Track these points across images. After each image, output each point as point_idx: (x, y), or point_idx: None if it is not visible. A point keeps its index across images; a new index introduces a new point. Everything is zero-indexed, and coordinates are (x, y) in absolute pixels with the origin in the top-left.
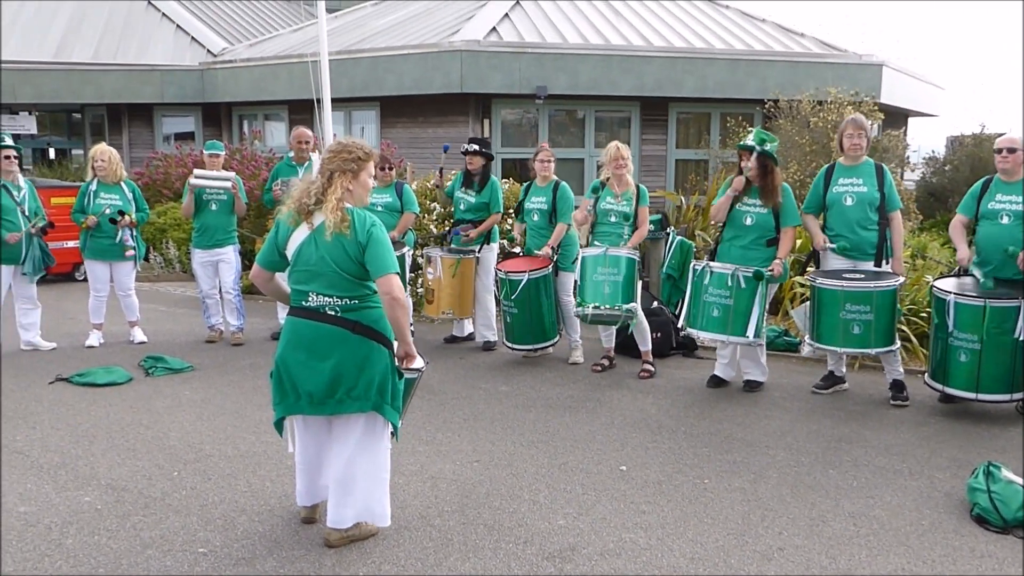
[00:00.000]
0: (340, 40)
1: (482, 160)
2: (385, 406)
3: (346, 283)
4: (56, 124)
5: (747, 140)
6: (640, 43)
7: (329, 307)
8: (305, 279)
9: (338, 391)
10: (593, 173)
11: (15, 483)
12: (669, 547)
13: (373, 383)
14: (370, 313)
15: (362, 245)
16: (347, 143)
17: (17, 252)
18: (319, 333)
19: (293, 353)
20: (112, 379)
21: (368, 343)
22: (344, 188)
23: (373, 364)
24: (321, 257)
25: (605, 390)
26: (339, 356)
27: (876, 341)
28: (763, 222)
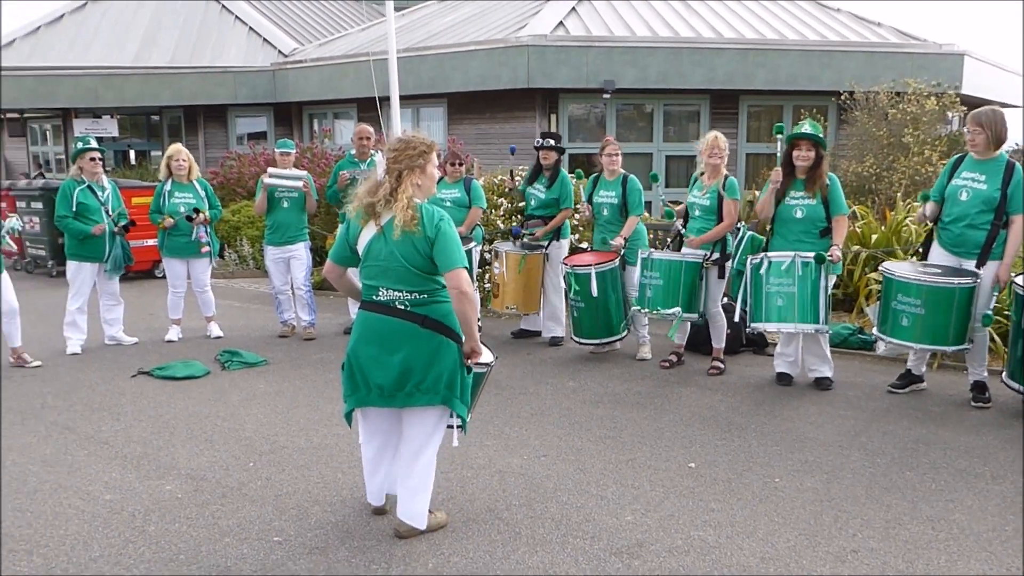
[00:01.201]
0: (407, 38)
1: (555, 155)
2: (454, 400)
3: (415, 278)
4: (136, 127)
5: (803, 128)
6: (710, 35)
7: (399, 301)
8: (375, 274)
9: (407, 384)
10: (662, 168)
11: (101, 472)
12: (739, 546)
13: (442, 377)
14: (439, 307)
15: (430, 240)
16: (408, 139)
17: (101, 250)
18: (389, 327)
19: (364, 347)
20: (190, 372)
21: (437, 337)
22: (414, 186)
23: (442, 358)
24: (390, 252)
25: (673, 386)
26: (408, 350)
27: (923, 337)
28: (813, 213)
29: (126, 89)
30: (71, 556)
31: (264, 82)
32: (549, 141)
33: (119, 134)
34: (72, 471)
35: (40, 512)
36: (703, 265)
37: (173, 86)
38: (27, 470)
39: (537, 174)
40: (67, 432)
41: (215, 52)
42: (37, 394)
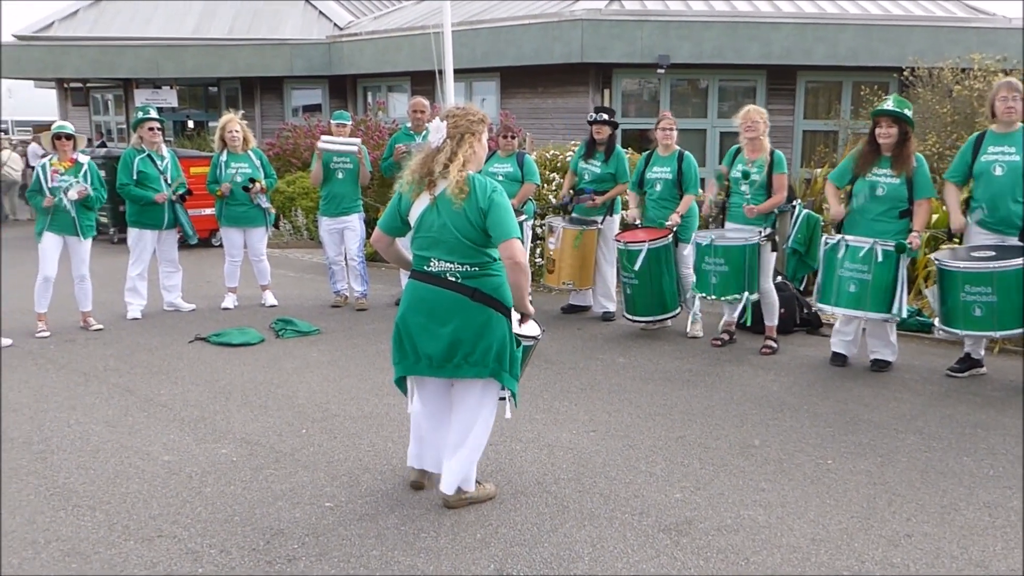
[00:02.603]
0: (461, 11)
1: (609, 129)
2: (503, 373)
3: (467, 249)
4: (194, 98)
5: (885, 105)
6: (768, 9)
7: (450, 273)
8: (427, 245)
9: (456, 356)
10: (716, 144)
11: (160, 433)
12: (789, 526)
13: (491, 350)
14: (490, 280)
15: (483, 211)
16: (466, 106)
17: (160, 218)
18: (439, 298)
19: (414, 316)
20: (246, 340)
21: (487, 310)
22: (472, 149)
23: (492, 331)
24: (443, 224)
25: (725, 365)
26: (458, 322)
27: (1001, 324)
28: (895, 193)
29: (185, 60)
30: (131, 513)
31: (320, 55)
32: (603, 115)
33: (178, 105)
34: (133, 432)
35: (102, 470)
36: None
37: (231, 58)
38: (90, 429)
39: (591, 149)
40: (128, 394)
41: (272, 24)
42: (100, 356)
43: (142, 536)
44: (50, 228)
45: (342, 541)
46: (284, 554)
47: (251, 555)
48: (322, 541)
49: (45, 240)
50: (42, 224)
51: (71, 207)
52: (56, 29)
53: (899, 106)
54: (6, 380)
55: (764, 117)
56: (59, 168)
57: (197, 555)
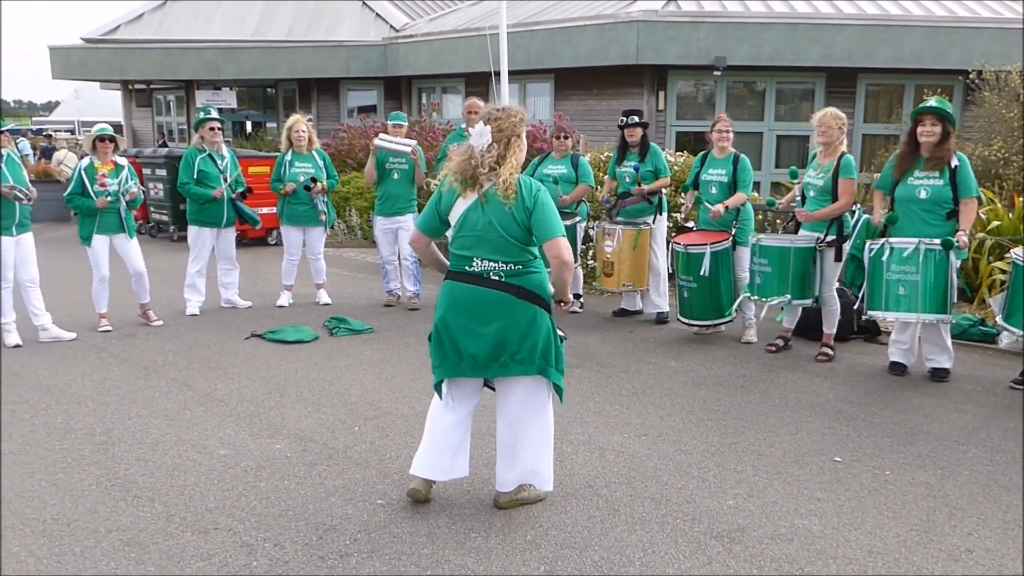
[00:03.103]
0: (516, 12)
1: (641, 131)
2: (549, 369)
3: (512, 248)
4: (253, 99)
5: (929, 103)
6: (829, 10)
7: (493, 272)
8: (470, 244)
9: (503, 355)
10: (772, 148)
11: (216, 428)
12: (845, 537)
13: (537, 347)
14: (532, 278)
15: (529, 210)
16: (507, 107)
17: (219, 216)
18: (483, 298)
19: (455, 316)
20: (300, 337)
21: (532, 308)
22: (517, 151)
23: (537, 328)
24: (488, 222)
25: (779, 371)
26: (503, 321)
27: None
28: (939, 194)
29: (245, 62)
30: (189, 506)
31: (376, 56)
32: (634, 118)
33: (237, 106)
34: (190, 426)
35: (161, 463)
36: (816, 248)
37: (289, 59)
38: (150, 423)
39: (624, 152)
40: (186, 388)
41: (329, 26)
42: (159, 351)
43: (199, 528)
44: (99, 230)
45: (393, 539)
46: (336, 550)
47: (304, 550)
48: (374, 538)
49: (95, 243)
50: (90, 227)
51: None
52: (122, 32)
53: (942, 104)
54: (71, 373)
55: (841, 123)
56: (104, 172)
57: (252, 548)
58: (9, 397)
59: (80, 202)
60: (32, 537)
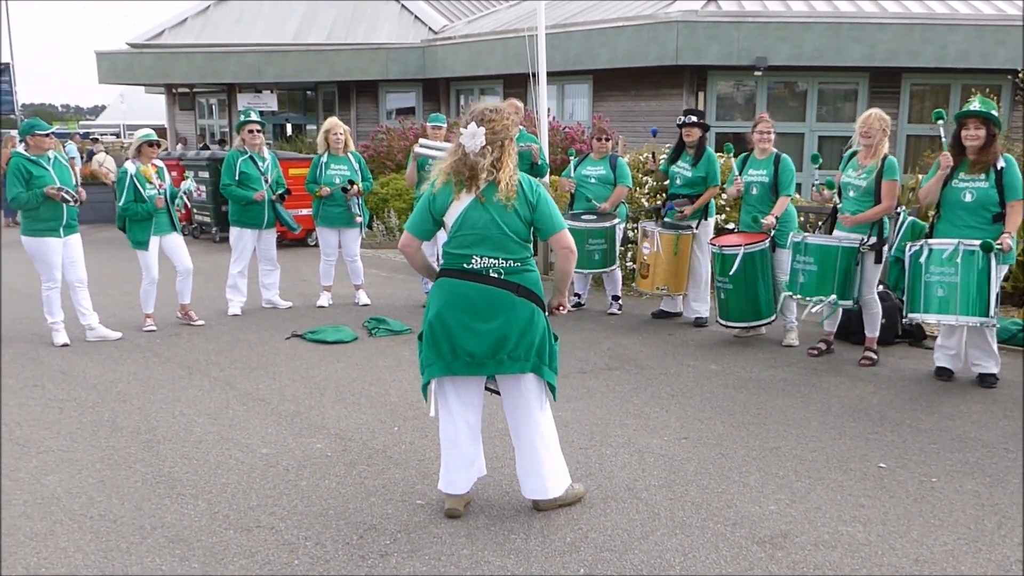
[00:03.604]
0: (555, 13)
1: (699, 131)
2: (543, 367)
3: (512, 245)
4: (293, 102)
5: (972, 106)
6: (873, 9)
7: (493, 269)
8: (470, 243)
9: (499, 352)
10: (814, 149)
11: (258, 427)
12: (891, 545)
13: (533, 345)
14: (530, 276)
15: (532, 205)
16: (499, 108)
17: (260, 217)
18: (483, 295)
19: (453, 314)
20: (340, 337)
21: (530, 306)
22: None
23: (535, 326)
24: (490, 220)
25: (822, 375)
26: (504, 318)
27: None
28: (985, 197)
29: (286, 65)
30: (232, 503)
31: (414, 58)
32: (691, 118)
33: (278, 108)
34: (233, 424)
35: (205, 461)
36: (859, 250)
37: (329, 62)
38: (193, 421)
39: (680, 152)
40: (228, 388)
41: (369, 29)
42: (202, 350)
43: (241, 526)
44: (154, 232)
45: (433, 539)
46: (377, 549)
47: (345, 549)
48: (413, 538)
49: (151, 246)
50: (146, 232)
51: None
52: (166, 37)
53: (985, 107)
54: (117, 372)
55: (885, 124)
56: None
57: (293, 547)
58: (57, 395)
59: (136, 208)
60: (80, 533)
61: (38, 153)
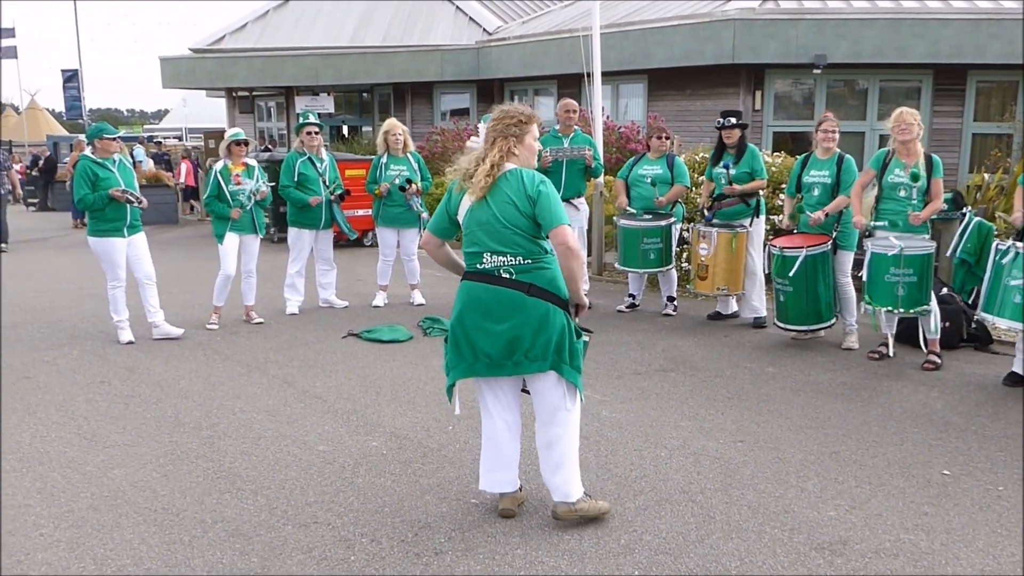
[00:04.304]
0: (609, 13)
1: (739, 132)
2: (563, 365)
3: (517, 239)
4: (349, 104)
5: None
6: (936, 4)
7: (504, 268)
8: (478, 240)
9: (516, 353)
10: (875, 148)
11: (315, 424)
12: (955, 555)
13: (551, 343)
14: (544, 274)
15: (532, 199)
16: (507, 109)
17: (318, 218)
18: (494, 296)
19: (470, 316)
20: (395, 337)
21: (543, 305)
22: (503, 151)
23: (550, 324)
24: (492, 215)
25: (883, 379)
26: (516, 319)
27: None
28: None
29: (343, 67)
30: (290, 499)
31: (469, 59)
32: (731, 120)
33: (334, 111)
34: (291, 422)
35: (263, 457)
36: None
37: (385, 64)
38: (253, 418)
39: (721, 153)
40: (286, 386)
41: (424, 31)
42: (261, 349)
43: (299, 521)
44: (232, 229)
45: (487, 538)
46: (431, 547)
47: (400, 546)
48: (468, 537)
49: (227, 241)
50: (224, 227)
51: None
52: (227, 42)
53: None
54: (180, 369)
55: (918, 119)
56: (238, 172)
57: (349, 543)
58: (123, 391)
59: (217, 206)
60: (144, 526)
61: (104, 156)
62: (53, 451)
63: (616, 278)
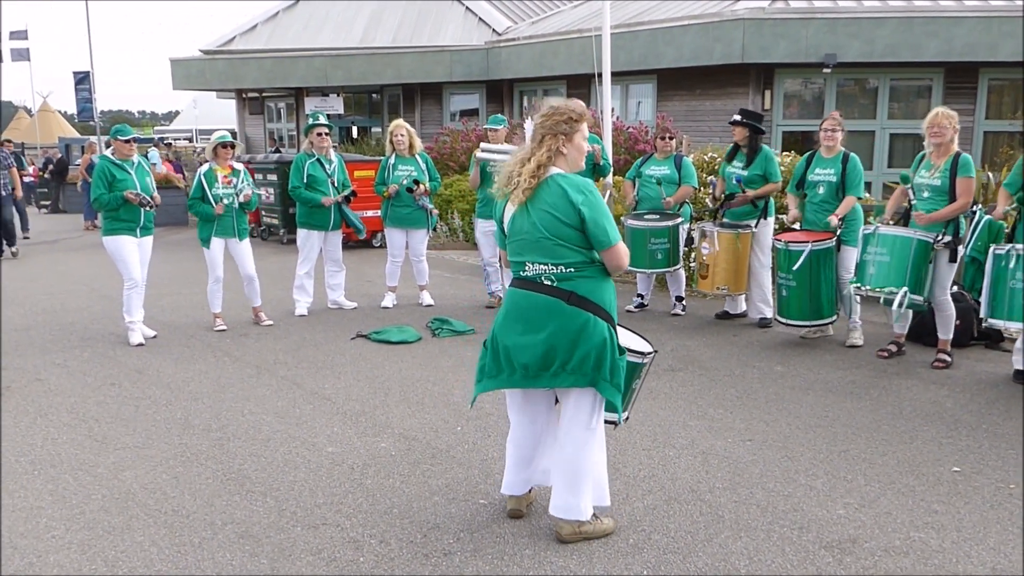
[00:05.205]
0: (619, 13)
1: (746, 131)
2: (602, 382)
3: (558, 249)
4: (359, 105)
5: None
6: (948, 3)
7: (544, 276)
8: (520, 248)
9: (553, 364)
10: (885, 147)
11: (324, 426)
12: (966, 553)
13: (590, 357)
14: (586, 283)
15: (578, 211)
16: (559, 105)
17: (327, 219)
18: (534, 303)
19: (510, 324)
20: (404, 338)
21: (583, 314)
22: (552, 151)
23: (589, 337)
24: (532, 223)
25: (892, 377)
26: (553, 327)
27: None
28: None
29: (352, 68)
30: (299, 501)
31: (478, 60)
32: (735, 117)
33: (344, 112)
34: (300, 423)
35: (273, 459)
36: (933, 247)
37: (394, 65)
38: (262, 420)
39: (736, 152)
40: (295, 387)
41: (433, 31)
42: (270, 350)
43: (308, 523)
44: (216, 233)
45: (496, 538)
46: (440, 548)
47: (409, 547)
48: (476, 537)
49: (213, 245)
50: (208, 231)
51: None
52: (237, 43)
53: None
54: (189, 371)
55: (954, 121)
56: (226, 174)
57: (358, 544)
58: (133, 393)
59: (200, 207)
60: (155, 528)
61: (123, 158)
62: (64, 453)
63: (624, 278)
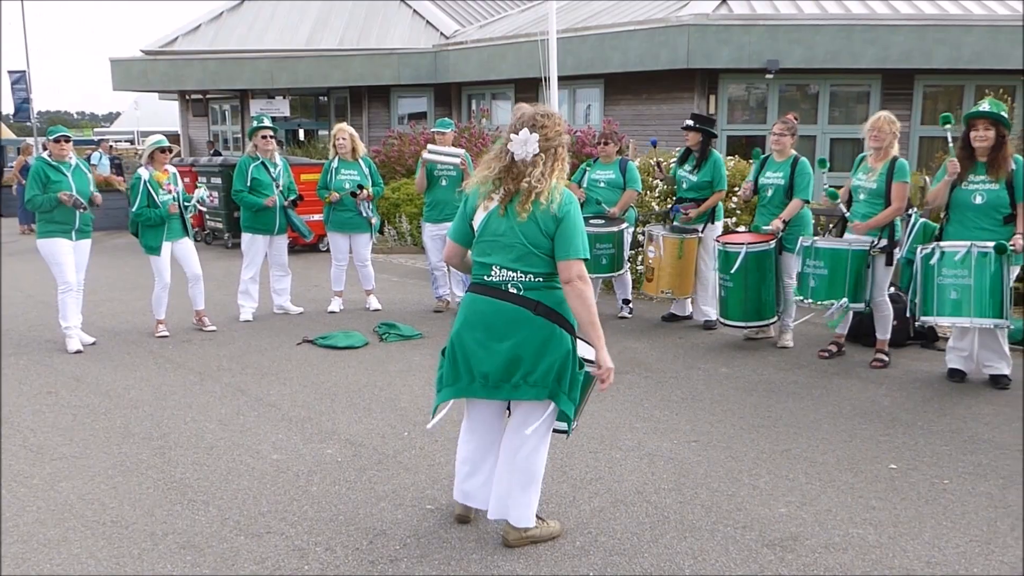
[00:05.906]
0: (566, 18)
1: (699, 136)
2: (561, 395)
3: (535, 259)
4: (305, 107)
5: (981, 107)
6: (885, 11)
7: (512, 283)
8: (490, 251)
9: (515, 375)
10: (826, 151)
11: (269, 433)
12: (903, 547)
13: (552, 369)
14: (554, 294)
15: (558, 220)
16: (551, 113)
17: (272, 223)
18: (498, 311)
19: (470, 331)
20: (351, 343)
21: (549, 326)
22: (561, 173)
23: (553, 349)
24: (511, 228)
25: (832, 377)
26: (518, 337)
27: None
28: (995, 199)
29: (299, 71)
30: (243, 509)
31: (426, 63)
32: (688, 122)
33: (290, 114)
34: (244, 430)
35: (216, 467)
36: (870, 252)
37: (341, 67)
38: (205, 427)
39: (687, 155)
40: (239, 394)
41: (381, 34)
42: (214, 356)
43: (252, 532)
44: (167, 238)
45: (443, 544)
46: (387, 554)
47: (355, 554)
48: (423, 543)
49: (164, 251)
50: (158, 238)
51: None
52: (180, 44)
53: (995, 108)
54: (130, 378)
55: (895, 127)
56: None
57: (304, 552)
58: (71, 401)
59: (150, 213)
60: (92, 539)
61: (58, 159)
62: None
63: None
